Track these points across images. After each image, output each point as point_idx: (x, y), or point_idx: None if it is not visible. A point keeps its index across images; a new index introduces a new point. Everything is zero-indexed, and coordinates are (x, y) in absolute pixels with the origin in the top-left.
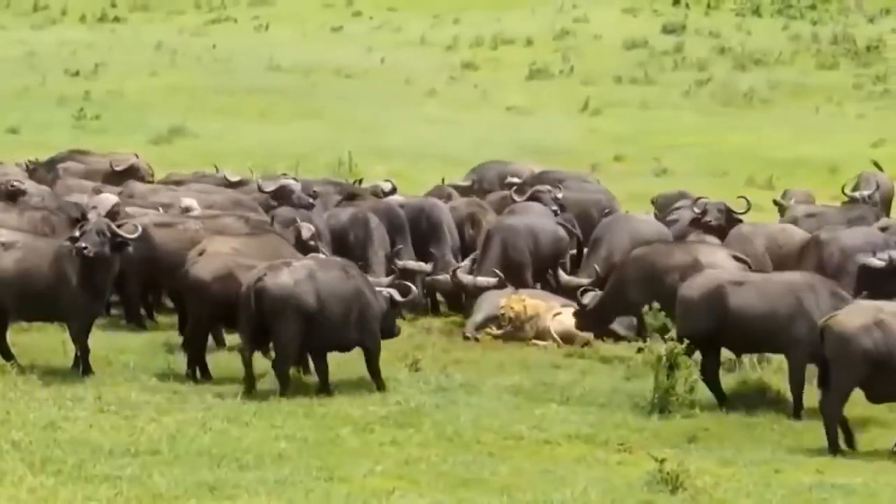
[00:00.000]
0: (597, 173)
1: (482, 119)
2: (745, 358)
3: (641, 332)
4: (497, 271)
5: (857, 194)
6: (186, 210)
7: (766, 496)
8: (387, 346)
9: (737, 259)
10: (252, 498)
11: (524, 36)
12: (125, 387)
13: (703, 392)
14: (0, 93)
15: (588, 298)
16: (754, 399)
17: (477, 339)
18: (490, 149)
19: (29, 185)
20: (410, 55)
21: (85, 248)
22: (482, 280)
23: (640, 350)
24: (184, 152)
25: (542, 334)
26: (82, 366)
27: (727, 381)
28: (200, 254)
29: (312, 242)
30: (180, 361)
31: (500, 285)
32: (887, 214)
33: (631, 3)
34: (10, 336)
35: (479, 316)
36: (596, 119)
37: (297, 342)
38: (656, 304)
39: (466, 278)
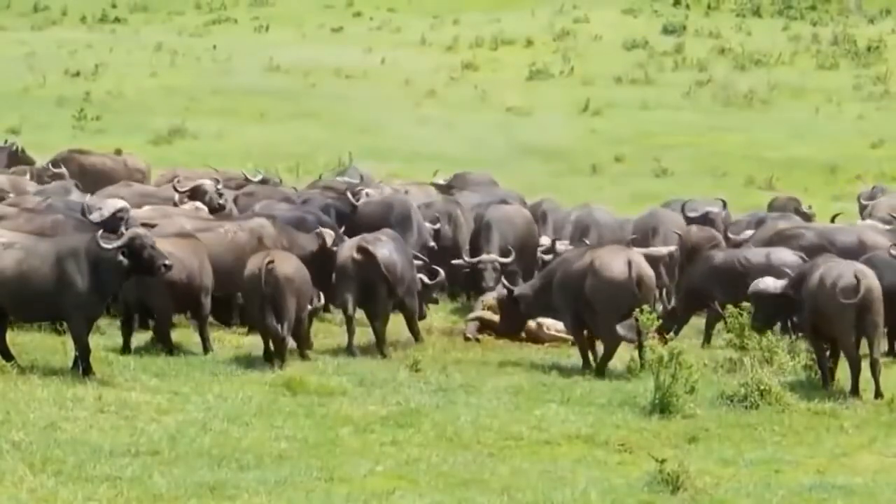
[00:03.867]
0: (597, 174)
1: (482, 120)
2: (746, 358)
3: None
4: (510, 248)
5: None
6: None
7: (766, 496)
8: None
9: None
10: (252, 498)
11: (524, 36)
12: (125, 387)
13: (703, 392)
14: (0, 93)
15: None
16: (754, 399)
17: (477, 340)
18: (489, 150)
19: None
20: (410, 56)
21: (169, 265)
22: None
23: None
24: (183, 153)
25: (535, 336)
26: (82, 366)
27: (727, 381)
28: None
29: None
30: (181, 362)
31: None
32: None
33: (631, 3)
34: (10, 336)
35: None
36: (596, 119)
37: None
38: (647, 306)
39: (488, 256)
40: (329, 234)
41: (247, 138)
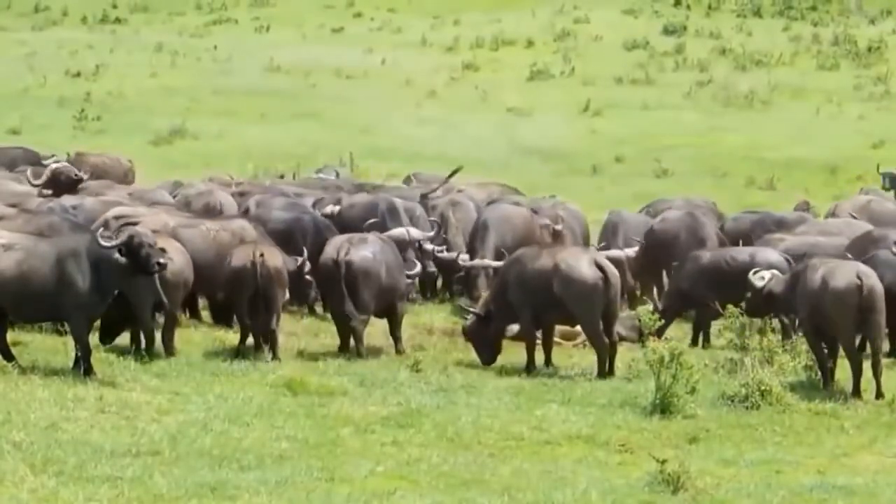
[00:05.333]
0: (597, 174)
1: (482, 120)
2: (747, 358)
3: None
4: (504, 251)
5: None
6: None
7: (766, 497)
8: (388, 346)
9: (598, 266)
10: (253, 498)
11: (525, 37)
12: (126, 387)
13: (704, 393)
14: (1, 93)
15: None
16: (755, 400)
17: None
18: (490, 150)
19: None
20: (411, 56)
21: (164, 263)
22: (489, 262)
23: None
24: (184, 153)
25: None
26: (84, 366)
27: (728, 381)
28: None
29: None
30: (181, 362)
31: None
32: None
33: (631, 4)
34: (11, 336)
35: None
36: (596, 120)
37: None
38: (649, 306)
39: (474, 261)
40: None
41: (247, 139)
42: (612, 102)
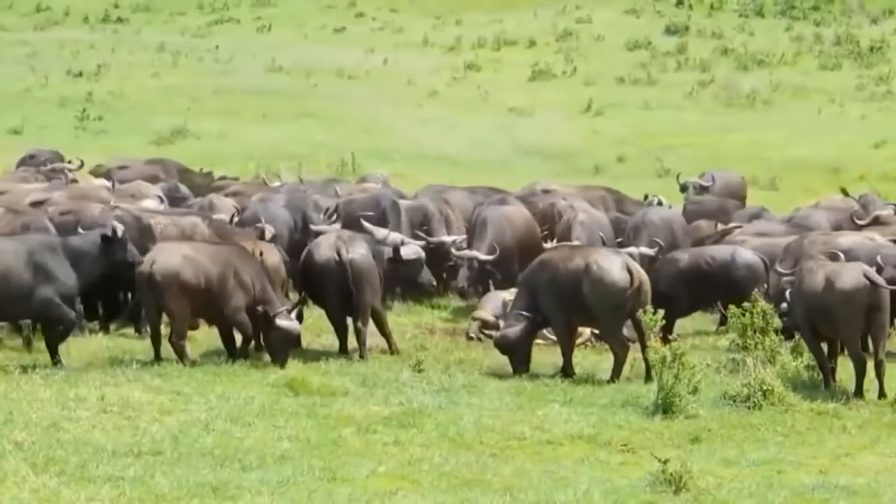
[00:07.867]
0: (599, 174)
1: (484, 120)
2: (749, 358)
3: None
4: (495, 245)
5: None
6: None
7: (768, 497)
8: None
9: (628, 269)
10: (254, 498)
11: (526, 37)
12: (128, 387)
13: (706, 393)
14: (2, 93)
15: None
16: (757, 400)
17: (480, 340)
18: (492, 150)
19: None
20: (412, 56)
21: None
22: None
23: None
24: (185, 153)
25: None
26: (52, 355)
27: (730, 381)
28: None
29: None
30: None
31: (495, 261)
32: None
33: (633, 4)
34: (12, 336)
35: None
36: (598, 120)
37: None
38: (650, 307)
39: (468, 252)
40: (269, 230)
41: (249, 139)
42: (614, 102)
